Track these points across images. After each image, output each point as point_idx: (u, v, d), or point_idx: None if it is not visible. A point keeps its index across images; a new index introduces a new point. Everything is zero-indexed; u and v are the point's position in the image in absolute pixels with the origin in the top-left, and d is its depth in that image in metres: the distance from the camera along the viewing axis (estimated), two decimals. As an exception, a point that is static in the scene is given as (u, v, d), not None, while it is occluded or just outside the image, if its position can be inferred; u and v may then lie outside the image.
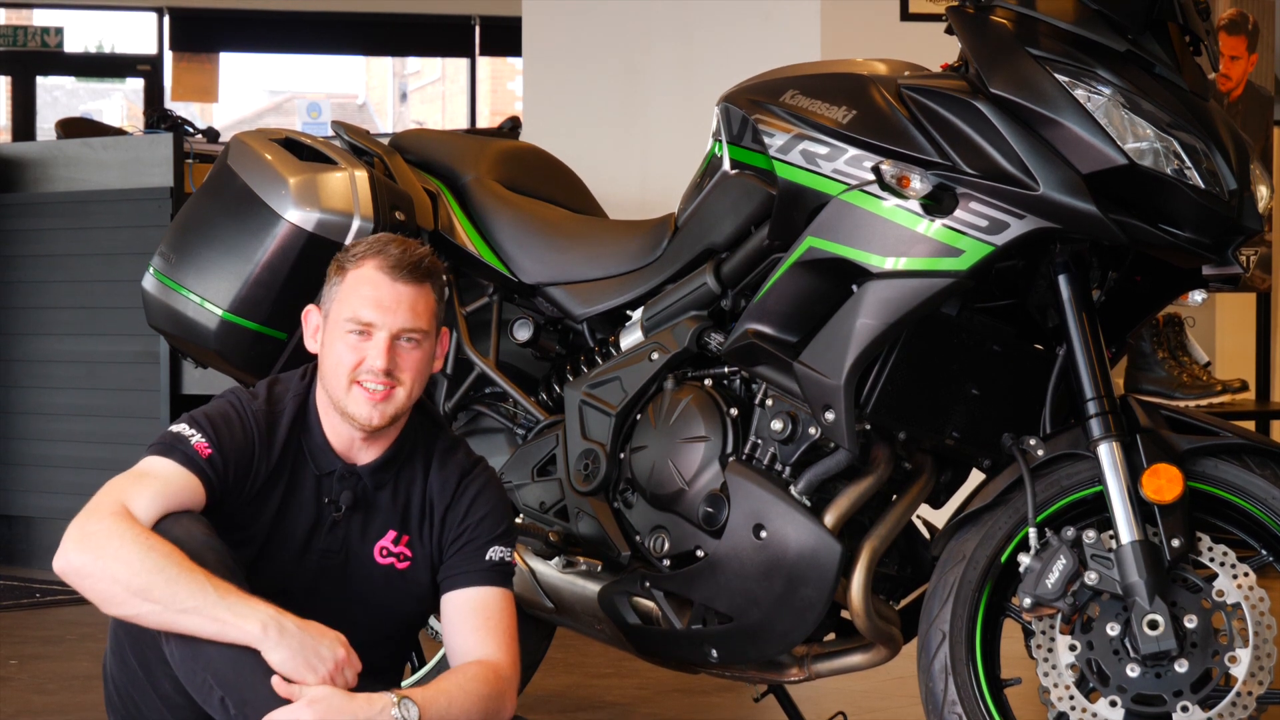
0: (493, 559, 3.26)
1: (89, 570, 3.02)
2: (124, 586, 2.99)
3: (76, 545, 3.03)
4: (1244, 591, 3.25)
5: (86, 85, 19.88)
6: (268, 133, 4.07)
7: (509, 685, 3.16)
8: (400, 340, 3.19)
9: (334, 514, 3.23)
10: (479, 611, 3.23)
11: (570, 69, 6.99)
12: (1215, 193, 3.24)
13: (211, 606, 2.97)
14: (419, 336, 3.21)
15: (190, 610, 2.97)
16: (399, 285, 3.19)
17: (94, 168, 6.80)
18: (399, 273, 3.19)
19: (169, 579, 2.98)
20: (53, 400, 6.85)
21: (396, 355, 3.19)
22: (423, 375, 3.24)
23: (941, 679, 3.34)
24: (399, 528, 3.27)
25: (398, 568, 3.27)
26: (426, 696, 3.04)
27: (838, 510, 3.45)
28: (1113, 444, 3.28)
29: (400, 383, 3.20)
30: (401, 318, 3.19)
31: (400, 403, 3.21)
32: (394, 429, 3.26)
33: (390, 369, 3.18)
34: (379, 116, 21.09)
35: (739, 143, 3.56)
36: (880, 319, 3.29)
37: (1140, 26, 3.30)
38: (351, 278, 3.21)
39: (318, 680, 2.97)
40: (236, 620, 2.98)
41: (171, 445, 3.15)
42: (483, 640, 3.20)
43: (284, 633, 2.98)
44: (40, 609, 5.94)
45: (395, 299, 3.19)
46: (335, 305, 3.23)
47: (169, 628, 3.00)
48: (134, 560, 2.99)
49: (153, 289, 4.03)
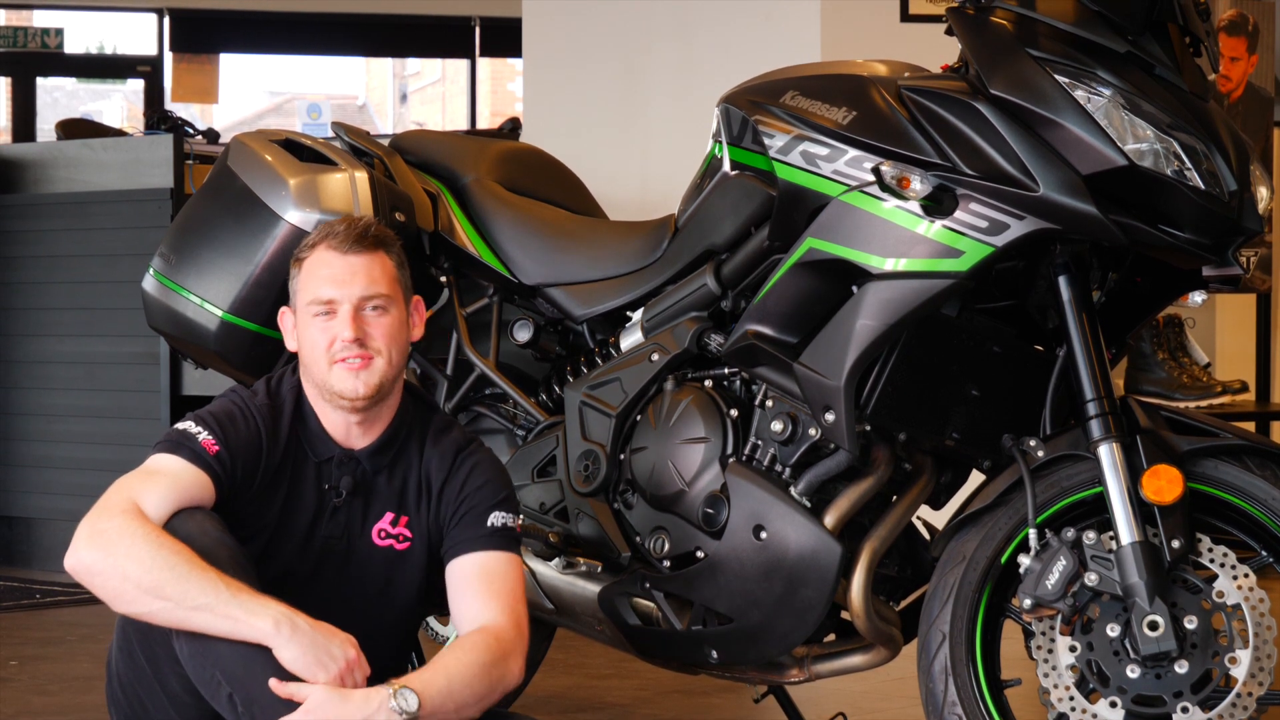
0: (494, 524, 3.26)
1: (100, 568, 3.03)
2: (135, 584, 3.00)
3: (88, 543, 3.03)
4: (1244, 592, 3.26)
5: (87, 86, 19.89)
6: (268, 134, 4.07)
7: (513, 648, 3.15)
8: (365, 311, 3.23)
9: (335, 500, 3.24)
10: (481, 576, 3.22)
11: (570, 70, 6.99)
12: (1215, 194, 3.24)
13: (224, 604, 2.98)
14: (382, 301, 3.24)
15: (202, 608, 2.98)
16: (350, 257, 3.24)
17: (94, 169, 6.80)
18: (347, 245, 3.24)
19: (180, 576, 2.98)
20: (53, 401, 6.85)
21: (364, 324, 3.23)
22: (398, 341, 3.26)
23: (941, 680, 3.34)
24: (396, 509, 3.28)
25: (397, 549, 3.28)
26: (424, 678, 3.04)
27: (838, 511, 3.45)
28: (1113, 445, 3.28)
29: (377, 351, 3.22)
30: (359, 286, 3.23)
31: (382, 370, 3.23)
32: (387, 410, 3.28)
33: (360, 337, 3.21)
34: (379, 117, 21.10)
35: (739, 144, 3.56)
36: (880, 320, 3.29)
37: (1140, 27, 3.30)
38: (306, 265, 3.27)
39: (328, 679, 2.98)
40: (248, 618, 2.98)
41: (179, 443, 3.16)
42: (485, 604, 3.19)
43: (296, 631, 2.99)
44: (41, 610, 5.94)
45: (349, 271, 3.23)
46: (298, 296, 3.28)
47: (180, 625, 3.01)
48: (145, 558, 3.00)
49: (153, 290, 4.03)
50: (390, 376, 3.24)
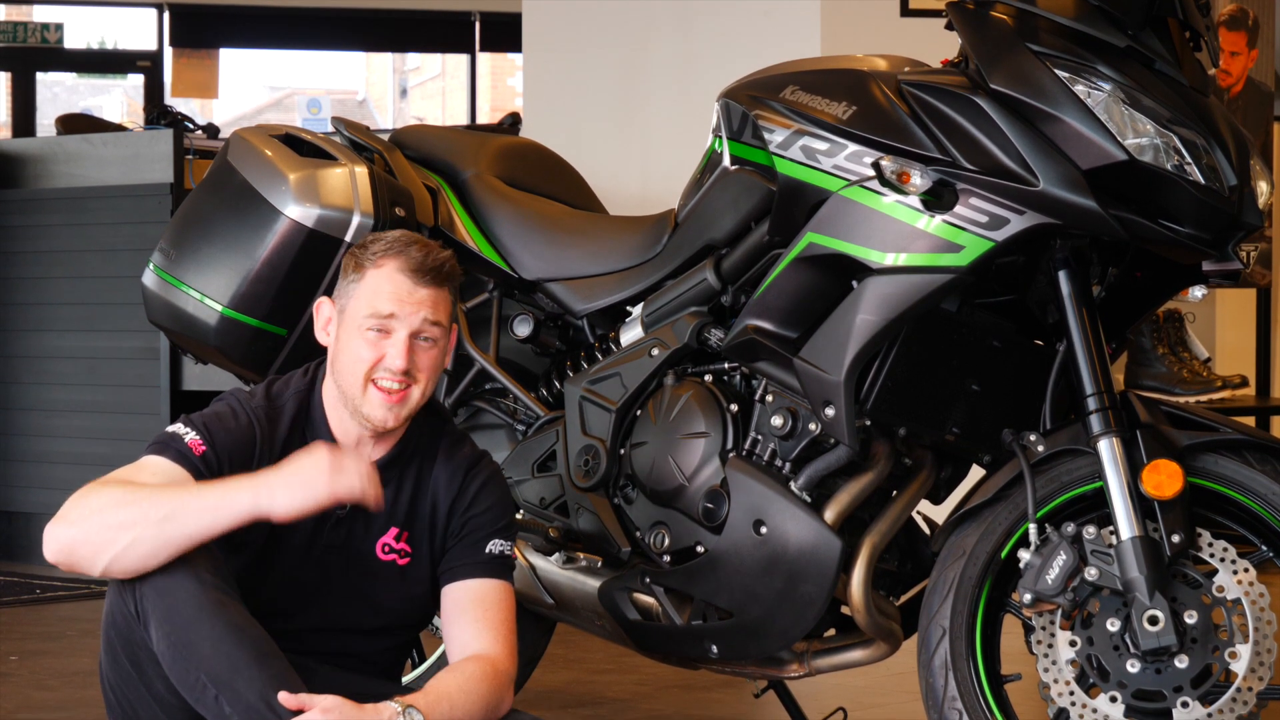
0: (492, 551, 3.25)
1: (70, 535, 3.01)
2: (105, 526, 2.98)
3: (53, 524, 3.03)
4: (1244, 587, 3.26)
5: (87, 81, 19.88)
6: (268, 128, 4.07)
7: (508, 680, 3.16)
8: (418, 339, 3.20)
9: (339, 511, 3.22)
10: (478, 603, 3.22)
11: (570, 65, 6.99)
12: (1215, 188, 3.24)
13: (195, 499, 2.99)
14: (437, 334, 3.21)
15: (174, 515, 2.98)
16: (420, 289, 3.19)
17: (94, 164, 6.80)
18: (421, 276, 3.19)
19: (143, 498, 2.99)
20: (53, 396, 6.86)
21: (415, 354, 3.20)
22: (436, 374, 3.24)
23: (941, 675, 3.34)
24: (401, 524, 3.26)
25: (399, 564, 3.27)
26: (429, 702, 3.03)
27: (838, 506, 3.45)
28: (1113, 440, 3.28)
29: (416, 381, 3.20)
30: (421, 319, 3.19)
31: (414, 403, 3.21)
32: (401, 427, 3.26)
33: (409, 368, 3.18)
34: (379, 112, 21.09)
35: (739, 138, 3.56)
36: (880, 315, 3.29)
37: (1140, 22, 3.30)
38: (372, 275, 3.20)
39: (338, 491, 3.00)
40: (226, 503, 2.99)
41: (166, 444, 3.15)
42: (480, 632, 3.19)
43: (274, 484, 3.00)
44: (40, 605, 5.94)
45: (418, 301, 3.18)
46: (354, 302, 3.21)
47: (165, 547, 2.99)
48: (107, 501, 3.00)
49: (153, 285, 4.03)
50: (420, 406, 3.23)
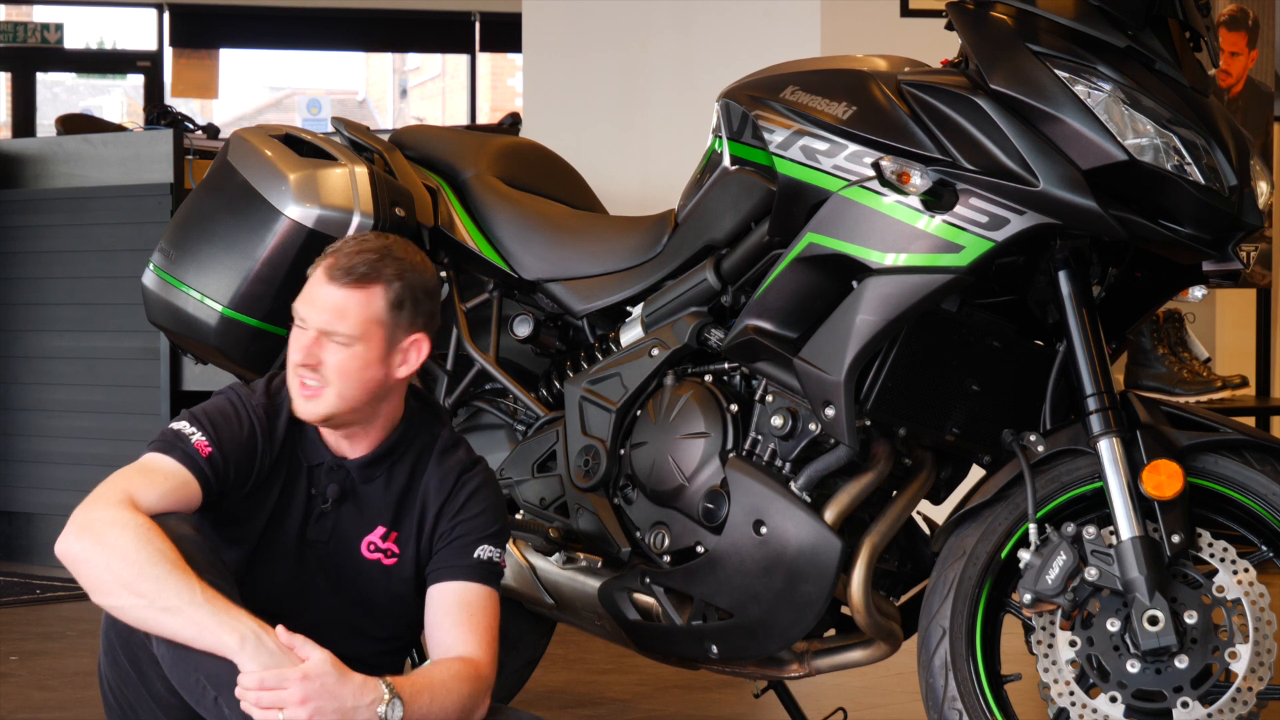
0: (480, 556, 3.24)
1: (86, 557, 3.02)
2: (115, 577, 2.99)
3: (79, 532, 3.03)
4: (1244, 587, 3.26)
5: (86, 81, 19.89)
6: (268, 129, 4.07)
7: (486, 686, 3.15)
8: (330, 339, 3.18)
9: (321, 506, 3.23)
10: (463, 606, 3.21)
11: (570, 65, 6.99)
12: (1215, 189, 3.24)
13: (193, 609, 2.95)
14: (344, 340, 3.17)
15: (172, 610, 2.96)
16: (330, 287, 3.18)
17: (94, 164, 6.80)
18: (334, 272, 3.19)
19: (158, 576, 2.97)
20: (52, 396, 6.85)
21: (320, 351, 3.18)
22: (355, 380, 3.18)
23: (942, 675, 3.34)
24: (389, 524, 3.26)
25: (384, 564, 3.26)
26: (413, 691, 3.03)
27: (838, 506, 3.45)
28: (1113, 440, 3.28)
29: (326, 382, 3.17)
30: (323, 318, 3.18)
31: (331, 404, 3.18)
32: (376, 428, 3.25)
33: (308, 362, 3.17)
34: (379, 113, 21.10)
35: (739, 139, 3.56)
36: (880, 315, 3.29)
37: (1140, 22, 3.30)
38: (311, 276, 3.24)
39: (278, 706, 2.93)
40: (216, 628, 2.95)
41: (172, 443, 3.15)
42: (463, 636, 3.18)
43: (261, 649, 2.95)
44: (40, 605, 5.94)
45: (322, 299, 3.18)
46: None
47: (148, 625, 3.00)
48: (130, 551, 2.98)
49: (153, 285, 4.03)
50: (343, 409, 3.19)
